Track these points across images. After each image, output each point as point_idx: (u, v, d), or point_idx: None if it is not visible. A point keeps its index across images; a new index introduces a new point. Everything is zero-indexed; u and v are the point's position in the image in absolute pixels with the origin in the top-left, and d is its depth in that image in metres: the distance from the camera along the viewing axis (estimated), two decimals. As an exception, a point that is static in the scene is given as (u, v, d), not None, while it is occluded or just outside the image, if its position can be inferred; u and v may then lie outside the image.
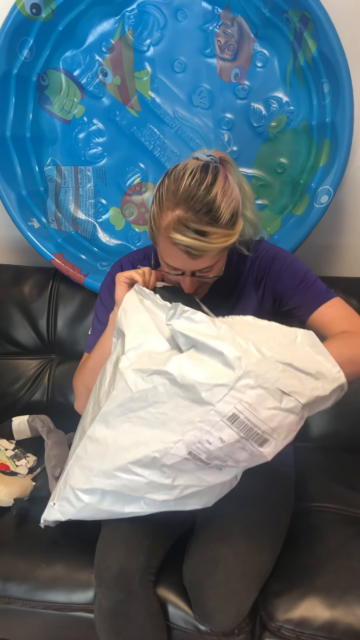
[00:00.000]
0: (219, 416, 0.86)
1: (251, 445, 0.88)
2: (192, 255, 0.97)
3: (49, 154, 1.63)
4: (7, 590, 1.15)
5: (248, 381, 0.84)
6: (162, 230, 0.98)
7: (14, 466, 1.39)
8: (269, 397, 0.85)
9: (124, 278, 1.05)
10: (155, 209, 1.00)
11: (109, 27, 1.53)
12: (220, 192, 0.96)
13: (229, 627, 1.02)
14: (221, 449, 0.88)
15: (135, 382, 0.91)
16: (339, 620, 1.03)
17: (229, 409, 0.85)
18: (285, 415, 0.87)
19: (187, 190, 0.95)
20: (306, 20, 1.35)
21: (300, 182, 1.51)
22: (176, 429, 0.89)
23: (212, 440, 0.87)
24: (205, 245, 0.95)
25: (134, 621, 1.04)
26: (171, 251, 0.99)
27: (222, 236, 0.97)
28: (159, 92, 1.55)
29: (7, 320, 1.63)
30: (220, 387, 0.84)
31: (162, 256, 1.03)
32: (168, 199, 0.97)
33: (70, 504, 1.03)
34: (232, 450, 0.89)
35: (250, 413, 0.85)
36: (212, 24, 1.49)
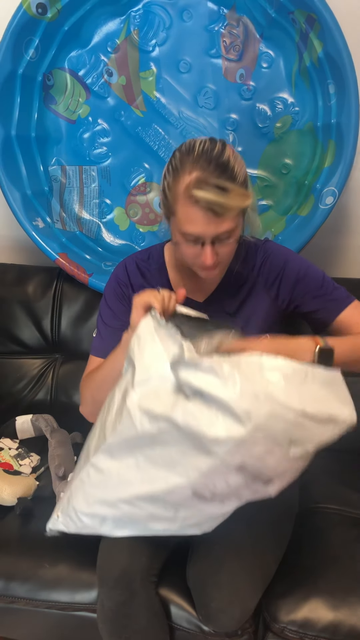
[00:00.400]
0: (225, 466, 0.85)
1: (256, 485, 0.88)
2: (215, 213, 0.96)
3: (54, 154, 1.63)
4: (11, 589, 1.15)
5: (257, 435, 0.82)
6: (180, 194, 0.97)
7: (18, 465, 1.39)
8: (277, 447, 0.83)
9: (142, 302, 0.99)
10: (169, 181, 1.00)
11: (115, 27, 1.53)
12: (232, 155, 0.98)
13: (233, 627, 1.03)
14: (226, 489, 0.88)
15: (142, 422, 0.89)
16: (342, 621, 1.03)
17: (237, 460, 0.84)
18: (293, 462, 0.87)
19: (201, 154, 0.97)
20: (312, 21, 1.35)
21: (305, 183, 1.51)
22: (181, 472, 0.89)
23: (218, 484, 0.88)
24: (226, 201, 0.95)
25: (136, 622, 1.04)
26: (192, 215, 0.98)
27: (240, 195, 0.97)
28: (164, 93, 1.55)
29: (11, 320, 1.64)
30: (228, 442, 0.82)
31: (181, 226, 1.00)
32: (183, 164, 0.98)
33: (72, 521, 1.04)
34: (237, 489, 0.89)
35: (258, 462, 0.84)
36: (217, 24, 1.49)
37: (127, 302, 1.20)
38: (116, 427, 0.92)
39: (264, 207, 1.60)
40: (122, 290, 1.20)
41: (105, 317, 1.21)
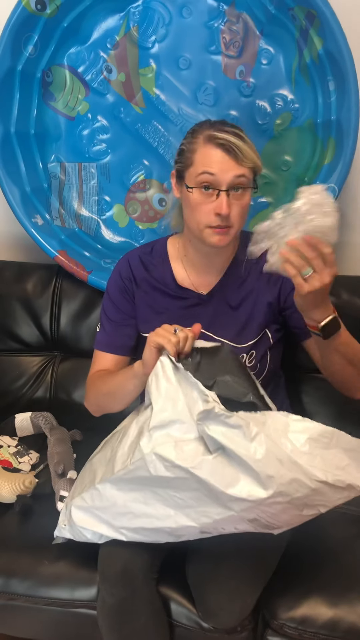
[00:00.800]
0: (239, 518, 0.87)
1: (263, 529, 0.91)
2: (234, 155, 1.02)
3: (53, 151, 1.62)
4: (10, 586, 1.15)
5: (277, 499, 0.83)
6: (200, 142, 1.06)
7: (17, 463, 1.39)
8: (293, 508, 0.86)
9: (155, 343, 0.96)
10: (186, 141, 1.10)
11: (114, 24, 1.52)
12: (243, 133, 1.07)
13: (232, 624, 1.03)
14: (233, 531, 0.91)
15: (156, 468, 0.88)
16: (341, 618, 1.04)
17: (252, 516, 0.87)
18: (303, 518, 0.90)
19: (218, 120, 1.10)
20: (312, 17, 1.34)
21: (304, 180, 1.51)
22: (192, 515, 0.90)
23: (227, 528, 0.91)
24: (243, 145, 1.03)
25: (137, 618, 1.04)
26: (212, 154, 1.04)
27: (254, 150, 1.06)
28: (163, 89, 1.55)
29: (10, 317, 1.63)
30: (247, 502, 0.84)
31: (200, 167, 1.05)
32: (202, 127, 1.08)
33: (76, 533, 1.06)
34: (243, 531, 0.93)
35: (271, 518, 0.87)
36: (217, 20, 1.48)
37: (129, 296, 1.21)
38: (127, 465, 0.92)
39: (263, 204, 1.59)
40: (125, 284, 1.21)
41: (108, 312, 1.22)
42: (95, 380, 1.20)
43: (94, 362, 1.24)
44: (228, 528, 0.91)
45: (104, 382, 1.16)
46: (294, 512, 0.86)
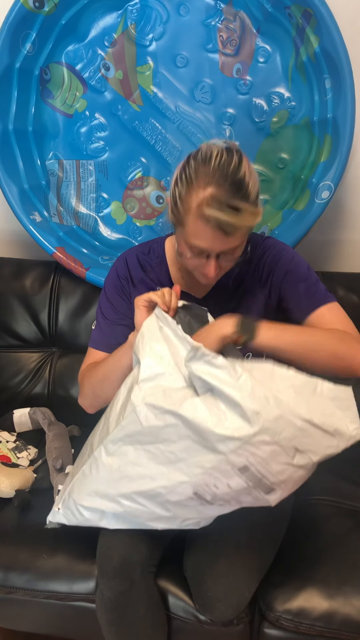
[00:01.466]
0: (230, 466, 0.86)
1: (258, 492, 0.89)
2: (225, 233, 0.96)
3: (51, 148, 1.63)
4: (9, 580, 1.16)
5: (264, 437, 0.83)
6: (192, 209, 0.96)
7: (15, 458, 1.40)
8: (282, 453, 0.85)
9: (142, 302, 1.01)
10: (181, 191, 0.98)
11: (112, 21, 1.53)
12: (247, 171, 0.97)
13: (229, 617, 1.04)
14: (227, 493, 0.89)
15: (147, 417, 0.90)
16: (337, 610, 1.05)
17: (241, 460, 0.85)
18: (296, 470, 0.87)
19: (217, 169, 0.95)
20: (308, 15, 1.35)
21: (301, 177, 1.52)
22: (184, 469, 0.89)
23: (220, 486, 0.88)
24: (237, 220, 0.94)
25: (135, 611, 1.05)
26: (202, 231, 0.97)
27: (251, 214, 0.96)
28: (161, 87, 1.56)
29: (8, 314, 1.64)
30: (234, 440, 0.83)
31: (189, 238, 1.00)
32: (198, 178, 0.96)
33: (73, 514, 1.05)
34: (238, 494, 0.90)
35: (262, 466, 0.85)
36: (214, 18, 1.49)
37: (126, 296, 1.20)
38: (120, 422, 0.93)
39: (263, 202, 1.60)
40: (121, 284, 1.20)
41: (104, 310, 1.22)
42: (89, 371, 1.19)
43: (87, 358, 1.23)
44: (221, 487, 0.88)
45: (97, 368, 1.16)
46: (285, 460, 0.85)
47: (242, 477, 0.87)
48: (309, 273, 1.14)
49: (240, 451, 0.84)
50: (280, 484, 0.88)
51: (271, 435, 0.83)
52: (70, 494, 1.04)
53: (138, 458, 0.94)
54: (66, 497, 1.06)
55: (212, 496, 0.90)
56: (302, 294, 1.12)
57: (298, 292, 1.12)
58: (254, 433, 0.82)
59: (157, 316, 1.00)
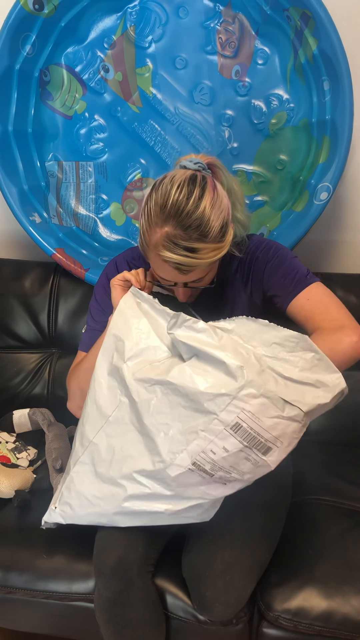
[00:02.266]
0: (222, 425, 0.86)
1: (255, 454, 0.89)
2: (182, 271, 0.97)
3: (51, 149, 1.63)
4: (9, 580, 1.16)
5: (250, 390, 0.85)
6: (151, 246, 0.98)
7: (15, 459, 1.40)
8: (271, 405, 0.86)
9: (117, 281, 1.06)
10: (144, 224, 0.98)
11: (111, 24, 1.53)
12: (209, 205, 0.94)
13: (228, 617, 1.04)
14: (225, 458, 0.88)
15: (138, 392, 0.92)
16: (335, 610, 1.05)
17: (232, 418, 0.86)
18: (288, 424, 0.88)
19: (174, 205, 0.93)
20: (307, 18, 1.36)
21: (300, 178, 1.52)
22: (180, 438, 0.90)
23: (216, 450, 0.88)
24: (194, 261, 0.95)
25: (133, 611, 1.05)
26: (162, 266, 0.99)
27: (212, 250, 0.96)
28: (160, 89, 1.56)
29: (8, 314, 1.64)
30: (223, 397, 0.85)
31: (154, 269, 1.03)
32: (156, 215, 0.95)
33: (72, 509, 1.04)
34: (237, 460, 0.89)
35: (253, 422, 0.86)
36: (213, 21, 1.50)
37: None
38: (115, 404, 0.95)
39: (259, 203, 1.61)
40: None
41: (94, 313, 1.22)
42: (73, 371, 1.20)
43: (75, 361, 1.23)
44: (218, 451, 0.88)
45: (82, 363, 1.16)
46: (274, 413, 0.86)
47: (236, 437, 0.87)
48: (289, 259, 1.11)
49: (230, 408, 0.85)
50: (275, 441, 0.88)
51: (257, 387, 0.84)
52: (71, 487, 1.04)
53: (137, 435, 0.94)
54: (65, 492, 1.05)
55: (212, 465, 0.89)
56: (282, 280, 1.10)
57: (278, 279, 1.10)
58: (240, 386, 0.84)
59: (134, 294, 1.03)
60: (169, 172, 1.00)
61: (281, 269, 1.11)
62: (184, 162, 1.03)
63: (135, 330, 0.97)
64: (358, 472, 1.39)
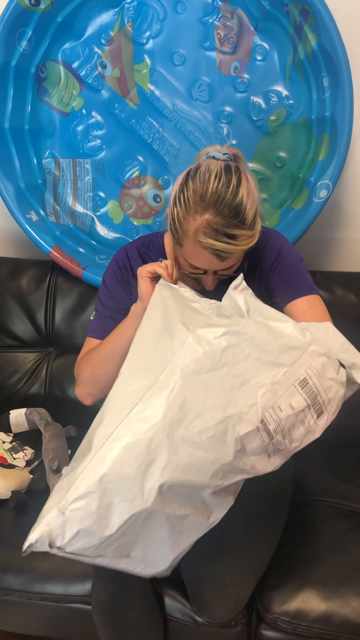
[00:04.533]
0: (292, 379, 0.88)
1: (311, 416, 0.90)
2: (221, 258, 0.98)
3: (48, 147, 1.62)
4: (5, 581, 1.15)
5: (316, 348, 0.89)
6: (190, 234, 0.97)
7: (12, 459, 1.39)
8: (330, 366, 0.90)
9: (145, 272, 1.04)
10: (180, 212, 0.98)
11: (108, 19, 1.52)
12: (245, 193, 0.97)
13: (226, 619, 1.04)
14: (288, 418, 0.88)
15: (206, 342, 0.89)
16: (334, 612, 1.05)
17: (302, 372, 0.88)
18: (338, 388, 0.91)
19: (215, 194, 0.95)
20: (306, 13, 1.34)
21: (299, 176, 1.51)
22: (251, 391, 0.88)
23: (283, 407, 0.88)
24: (233, 247, 0.96)
25: (131, 613, 1.05)
26: (199, 254, 0.99)
27: (247, 237, 0.98)
28: (158, 85, 1.55)
29: (4, 313, 1.63)
30: (294, 350, 0.88)
31: (186, 257, 1.02)
32: (196, 202, 0.96)
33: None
34: (295, 422, 0.89)
35: (317, 380, 0.89)
36: (212, 16, 1.48)
37: (126, 286, 1.21)
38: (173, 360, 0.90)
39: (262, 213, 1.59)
40: (121, 273, 1.21)
41: (103, 300, 1.22)
42: (86, 357, 1.17)
43: (84, 349, 1.21)
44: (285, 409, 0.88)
45: (97, 348, 1.14)
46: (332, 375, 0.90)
47: (302, 393, 0.88)
48: (298, 263, 1.15)
49: (300, 361, 0.88)
50: (327, 405, 0.91)
51: (321, 345, 0.89)
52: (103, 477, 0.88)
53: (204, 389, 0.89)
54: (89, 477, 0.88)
55: (276, 424, 0.88)
56: (287, 280, 1.13)
57: (283, 278, 1.13)
58: (309, 342, 0.89)
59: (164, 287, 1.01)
60: (202, 162, 1.02)
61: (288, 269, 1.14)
62: (213, 153, 1.03)
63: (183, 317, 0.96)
64: (358, 473, 1.38)
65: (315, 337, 0.89)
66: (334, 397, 0.91)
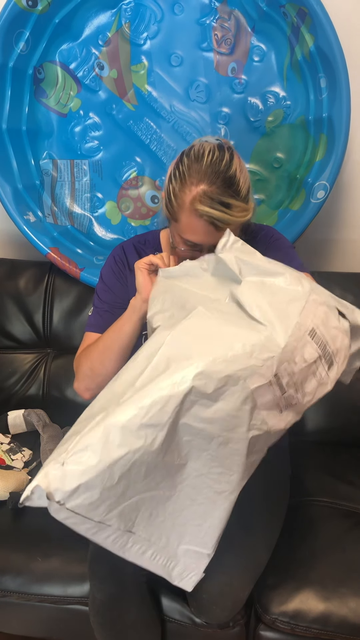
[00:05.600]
0: (302, 329, 0.87)
1: (322, 367, 0.90)
2: (217, 227, 1.00)
3: (45, 148, 1.62)
4: (3, 583, 1.15)
5: (315, 297, 0.89)
6: (186, 205, 1.01)
7: (10, 460, 1.39)
8: (331, 315, 0.90)
9: (142, 264, 1.07)
10: (175, 186, 1.03)
11: (106, 20, 1.52)
12: (238, 168, 1.02)
13: (225, 619, 1.03)
14: (302, 370, 0.87)
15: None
16: (333, 612, 1.04)
17: (309, 322, 0.88)
18: (343, 337, 0.92)
19: (209, 166, 1.00)
20: (303, 14, 1.34)
21: (296, 177, 1.51)
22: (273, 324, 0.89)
23: (298, 360, 0.86)
24: (228, 217, 0.99)
25: (128, 614, 1.04)
26: (195, 225, 1.02)
27: (242, 210, 1.02)
28: (155, 86, 1.55)
29: (2, 314, 1.63)
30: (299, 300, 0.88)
31: (182, 232, 1.05)
32: (191, 175, 1.01)
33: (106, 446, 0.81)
34: (307, 375, 0.89)
35: (323, 328, 0.89)
36: (209, 17, 1.48)
37: (123, 280, 1.22)
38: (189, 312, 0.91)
39: (256, 202, 1.60)
40: (119, 268, 1.23)
41: (101, 294, 1.23)
42: (85, 350, 1.18)
43: (83, 343, 1.22)
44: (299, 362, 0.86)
45: (96, 342, 1.15)
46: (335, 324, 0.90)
47: (313, 343, 0.88)
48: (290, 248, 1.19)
49: (305, 312, 0.88)
50: (335, 355, 0.91)
51: (319, 294, 0.90)
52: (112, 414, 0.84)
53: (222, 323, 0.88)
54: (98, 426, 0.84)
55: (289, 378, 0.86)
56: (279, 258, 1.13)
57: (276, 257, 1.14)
58: (308, 291, 0.89)
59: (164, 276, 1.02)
60: (195, 142, 1.07)
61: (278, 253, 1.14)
62: (205, 138, 1.08)
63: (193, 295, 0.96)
64: (356, 473, 1.38)
65: (313, 285, 0.90)
66: (341, 346, 0.92)
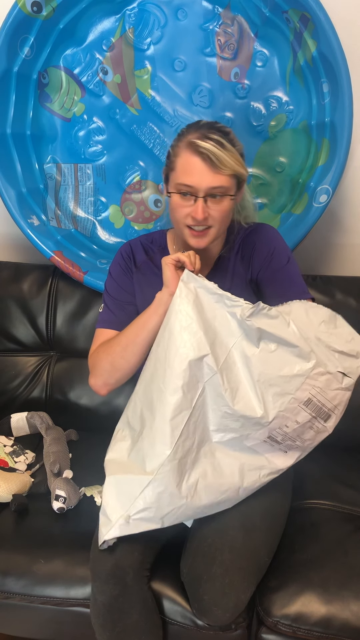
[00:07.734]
0: (297, 403, 0.99)
1: (318, 422, 1.02)
2: (212, 164, 1.05)
3: (49, 152, 1.63)
4: (6, 585, 1.15)
5: (319, 369, 0.97)
6: (183, 146, 1.08)
7: (13, 462, 1.39)
8: (334, 380, 0.99)
9: (170, 260, 1.09)
10: (174, 143, 1.12)
11: (110, 26, 1.53)
12: (233, 136, 1.11)
13: (226, 621, 1.03)
14: (295, 430, 1.01)
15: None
16: (335, 615, 1.04)
17: (305, 395, 0.98)
18: (344, 393, 1.01)
19: (206, 124, 1.12)
20: (306, 20, 1.35)
21: (299, 181, 1.52)
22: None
23: (290, 424, 1.01)
24: (223, 155, 1.05)
25: (129, 616, 1.04)
26: (191, 163, 1.07)
27: (236, 159, 1.07)
28: (159, 91, 1.56)
29: (6, 317, 1.64)
30: (298, 378, 0.97)
31: (178, 177, 1.09)
32: (189, 129, 1.11)
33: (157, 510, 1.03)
34: (303, 430, 1.02)
35: (321, 395, 0.99)
36: (212, 23, 1.49)
37: (129, 275, 1.25)
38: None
39: (258, 206, 1.60)
40: (126, 263, 1.26)
41: (111, 291, 1.25)
42: (105, 345, 1.19)
43: (96, 340, 1.23)
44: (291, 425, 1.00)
45: (118, 337, 1.16)
46: (336, 386, 0.99)
47: (307, 410, 1.00)
48: (290, 263, 1.19)
49: (304, 387, 0.98)
50: (334, 409, 1.01)
51: (323, 366, 0.98)
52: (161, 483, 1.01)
53: None
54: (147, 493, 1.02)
55: (283, 436, 1.03)
56: (279, 282, 1.18)
57: (275, 279, 1.18)
58: (312, 367, 0.97)
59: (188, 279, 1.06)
60: None
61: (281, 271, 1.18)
62: None
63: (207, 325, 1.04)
64: (358, 477, 1.39)
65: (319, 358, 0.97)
66: (341, 401, 1.02)
